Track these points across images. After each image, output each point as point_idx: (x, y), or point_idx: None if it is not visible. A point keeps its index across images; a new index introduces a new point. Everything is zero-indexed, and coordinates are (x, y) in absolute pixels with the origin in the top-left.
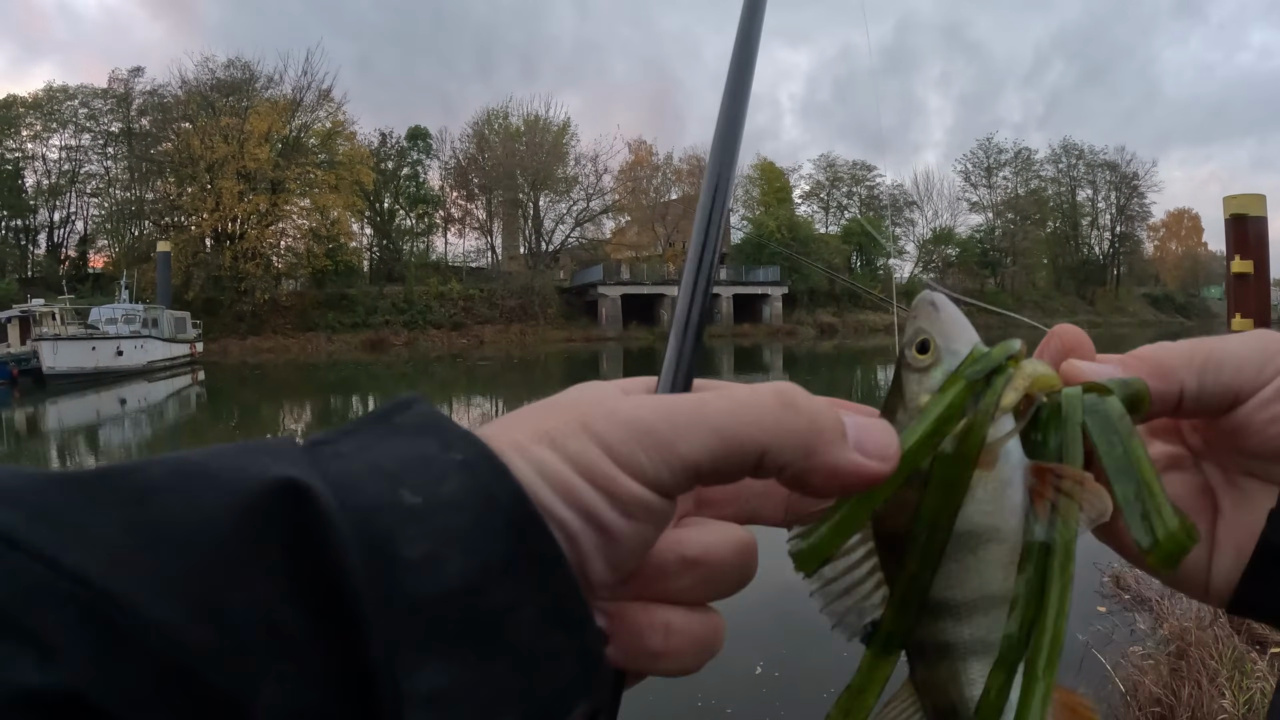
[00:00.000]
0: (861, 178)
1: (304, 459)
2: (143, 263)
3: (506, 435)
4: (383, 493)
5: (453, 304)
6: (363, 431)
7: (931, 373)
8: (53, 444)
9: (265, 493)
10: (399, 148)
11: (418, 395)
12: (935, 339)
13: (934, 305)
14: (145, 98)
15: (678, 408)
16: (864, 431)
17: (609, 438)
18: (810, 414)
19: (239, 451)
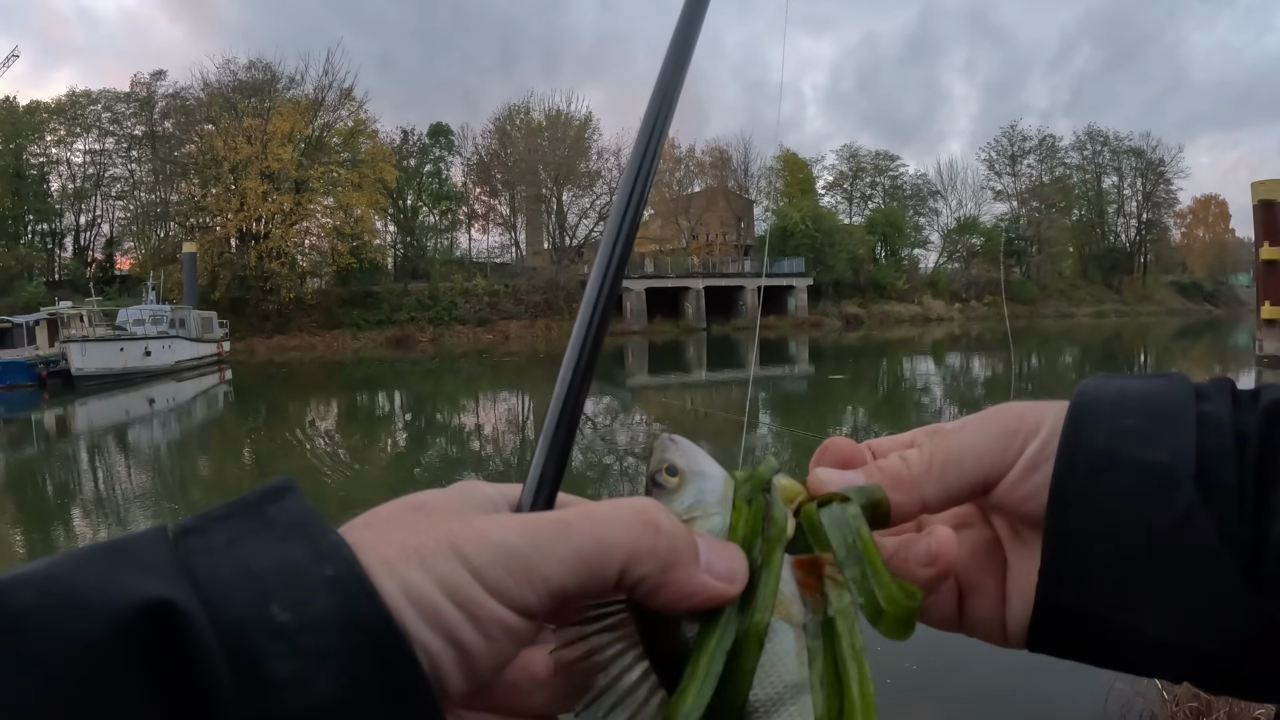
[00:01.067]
0: (885, 168)
1: (172, 567)
2: (169, 264)
3: (375, 550)
4: (252, 605)
5: (478, 300)
6: (234, 520)
7: (681, 492)
8: (83, 445)
9: (134, 616)
10: (421, 145)
11: (291, 482)
12: (680, 463)
13: (673, 440)
14: (168, 100)
15: (541, 530)
16: (714, 554)
17: (476, 561)
18: (668, 535)
19: (107, 562)
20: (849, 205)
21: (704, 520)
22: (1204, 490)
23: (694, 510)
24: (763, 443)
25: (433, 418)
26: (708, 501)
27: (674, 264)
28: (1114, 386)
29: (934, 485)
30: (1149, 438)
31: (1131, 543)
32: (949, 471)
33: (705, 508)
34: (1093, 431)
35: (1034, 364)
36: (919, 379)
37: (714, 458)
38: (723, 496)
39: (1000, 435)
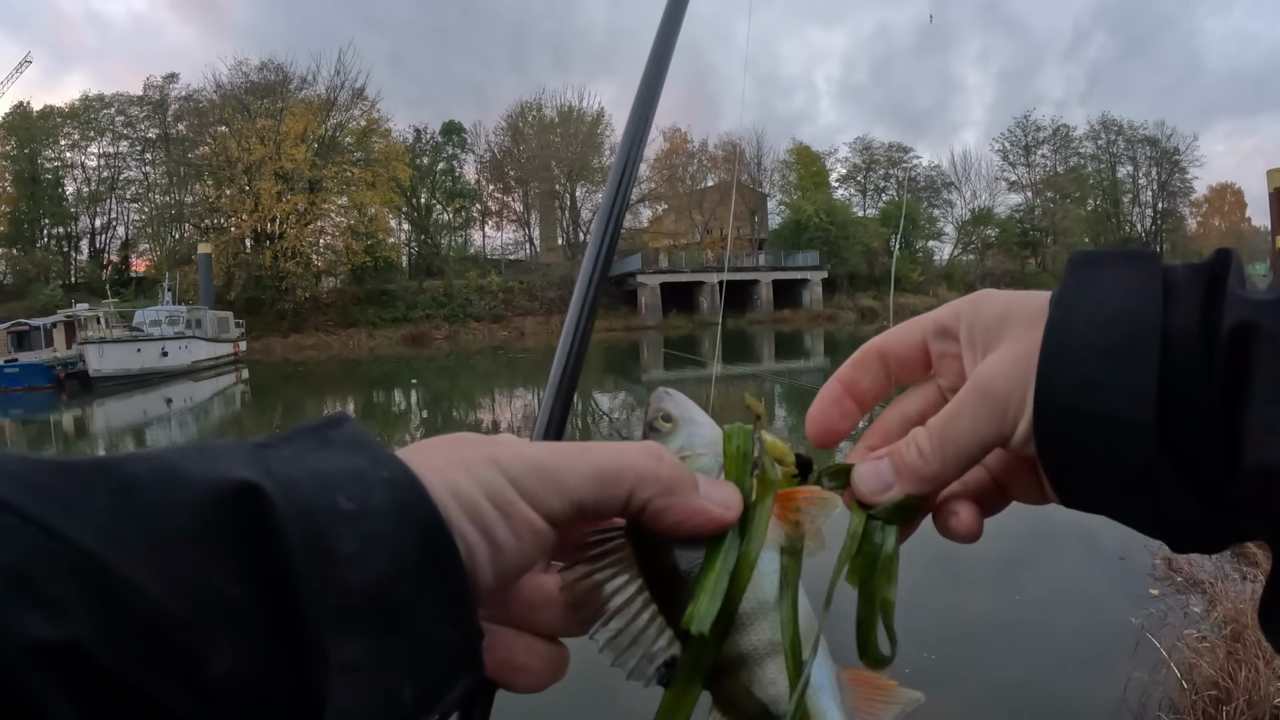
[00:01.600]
0: (898, 160)
1: (255, 462)
2: (184, 265)
3: (426, 460)
4: (322, 495)
5: (492, 297)
6: (298, 440)
7: (675, 435)
8: (101, 445)
9: (227, 491)
10: (434, 143)
11: (346, 415)
12: (674, 411)
13: (668, 393)
14: (181, 103)
15: (569, 451)
16: (713, 486)
17: (513, 470)
18: (671, 465)
19: (203, 454)
20: (863, 198)
21: (694, 460)
22: (1166, 434)
23: (685, 450)
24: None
25: (450, 414)
26: (697, 443)
27: (688, 259)
28: (1085, 313)
29: (951, 472)
30: (1112, 389)
31: (1104, 489)
32: (960, 458)
33: (694, 449)
34: (1060, 386)
35: None
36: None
37: None
38: (710, 439)
39: (994, 411)
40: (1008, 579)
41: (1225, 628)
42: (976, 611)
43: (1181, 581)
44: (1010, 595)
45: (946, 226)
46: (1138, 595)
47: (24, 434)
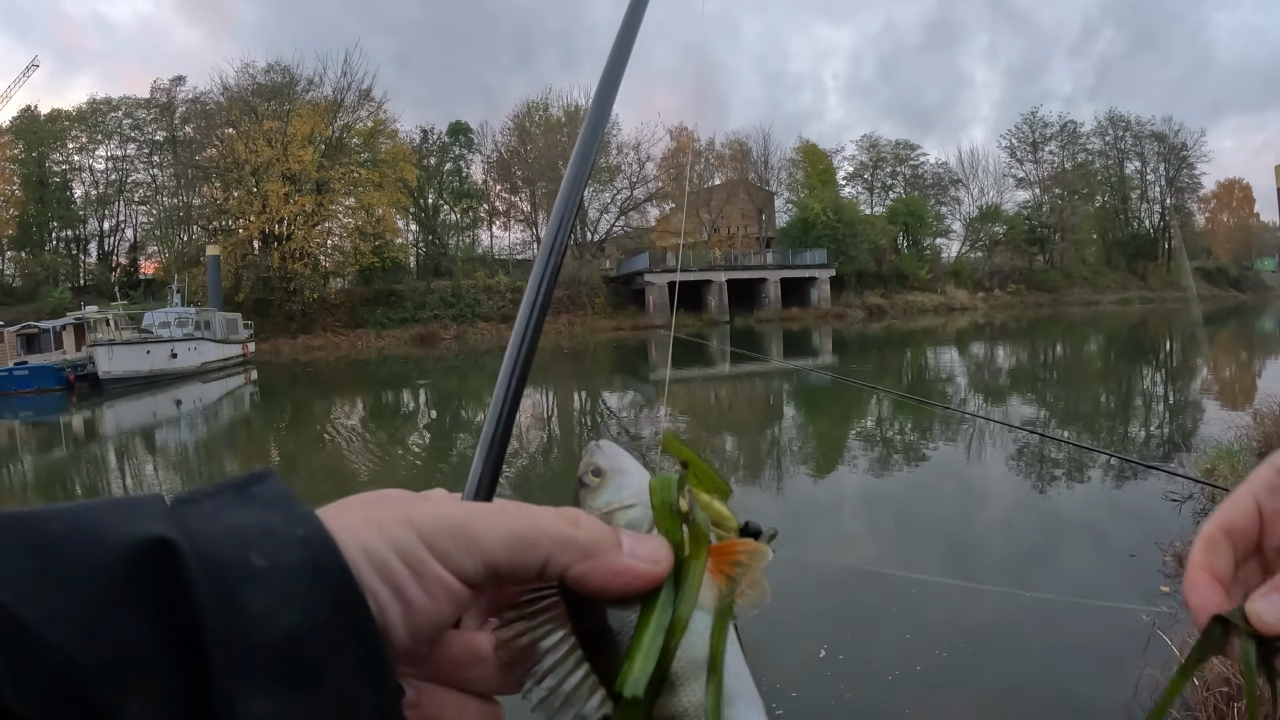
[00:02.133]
0: (905, 157)
1: (170, 518)
2: (193, 267)
3: (341, 519)
4: (234, 552)
5: (500, 296)
6: (221, 495)
7: (603, 489)
8: (111, 447)
9: (141, 547)
10: (441, 143)
11: (270, 470)
12: (603, 465)
13: (598, 445)
14: (188, 105)
15: (487, 511)
16: (639, 542)
17: (425, 529)
18: (589, 529)
19: (122, 509)
20: (870, 196)
21: (623, 512)
22: None
23: (612, 504)
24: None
25: (458, 414)
26: (625, 495)
27: (696, 257)
28: None
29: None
30: None
31: None
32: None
33: (622, 500)
34: None
35: (1059, 352)
36: (943, 369)
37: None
38: (638, 490)
39: None
40: (1018, 576)
41: None
42: (987, 609)
43: None
44: (1022, 591)
45: (954, 224)
46: (1149, 592)
47: (34, 436)
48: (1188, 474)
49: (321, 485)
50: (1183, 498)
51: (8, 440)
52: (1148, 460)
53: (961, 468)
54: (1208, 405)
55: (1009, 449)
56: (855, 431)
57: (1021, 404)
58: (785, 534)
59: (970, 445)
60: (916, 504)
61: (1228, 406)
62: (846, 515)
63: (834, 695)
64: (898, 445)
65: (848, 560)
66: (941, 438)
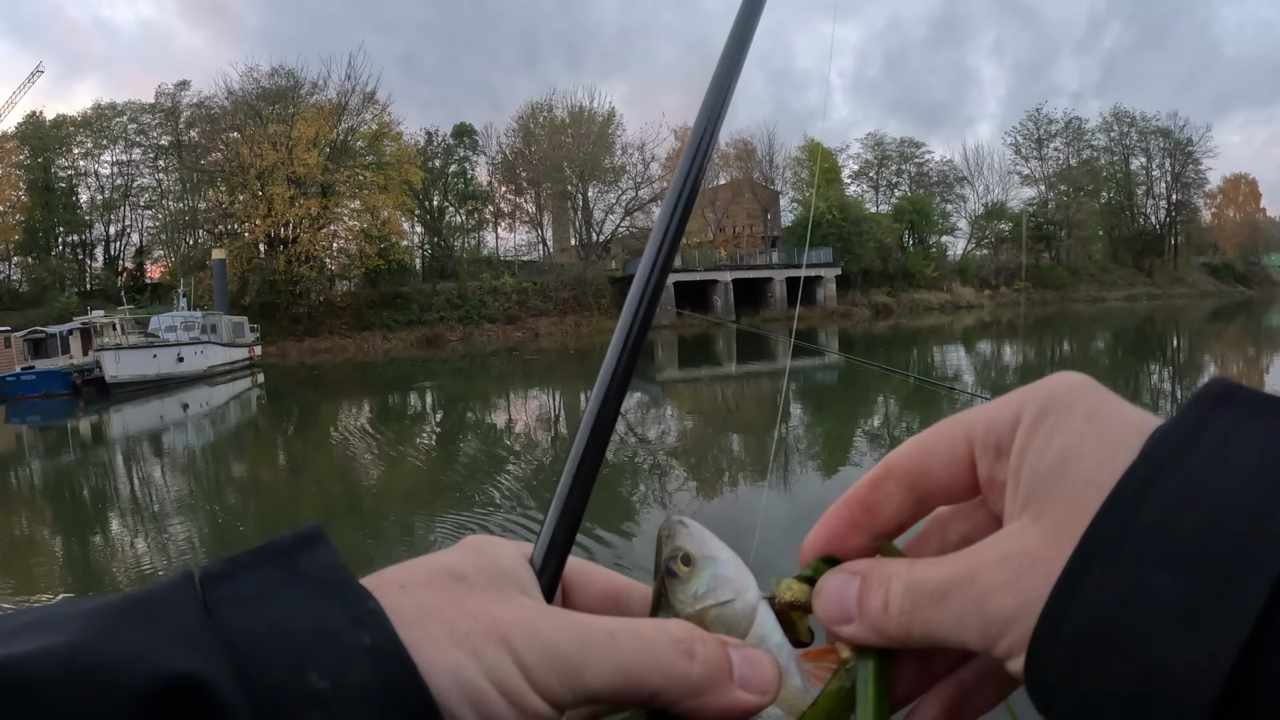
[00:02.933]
0: (910, 155)
1: (202, 628)
2: (199, 270)
3: (420, 626)
4: (289, 669)
5: (506, 298)
6: (263, 568)
7: (694, 580)
8: (119, 451)
9: (159, 691)
10: (445, 145)
11: (320, 531)
12: (693, 551)
13: (683, 524)
14: (193, 110)
15: (593, 636)
16: (749, 669)
17: (527, 658)
18: (704, 662)
19: (134, 628)
20: (875, 194)
21: (719, 610)
22: None
23: (706, 599)
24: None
25: (465, 416)
26: (720, 590)
27: (701, 257)
28: (1181, 478)
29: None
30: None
31: None
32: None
33: (719, 596)
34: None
35: (1065, 349)
36: (949, 367)
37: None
38: (736, 581)
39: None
40: None
41: None
42: None
43: None
44: None
45: (960, 221)
46: None
47: (42, 440)
48: None
49: (331, 488)
50: None
51: (15, 445)
52: None
53: None
54: None
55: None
56: (861, 431)
57: None
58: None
59: None
60: None
61: None
62: None
63: None
64: (901, 438)
65: None
66: None
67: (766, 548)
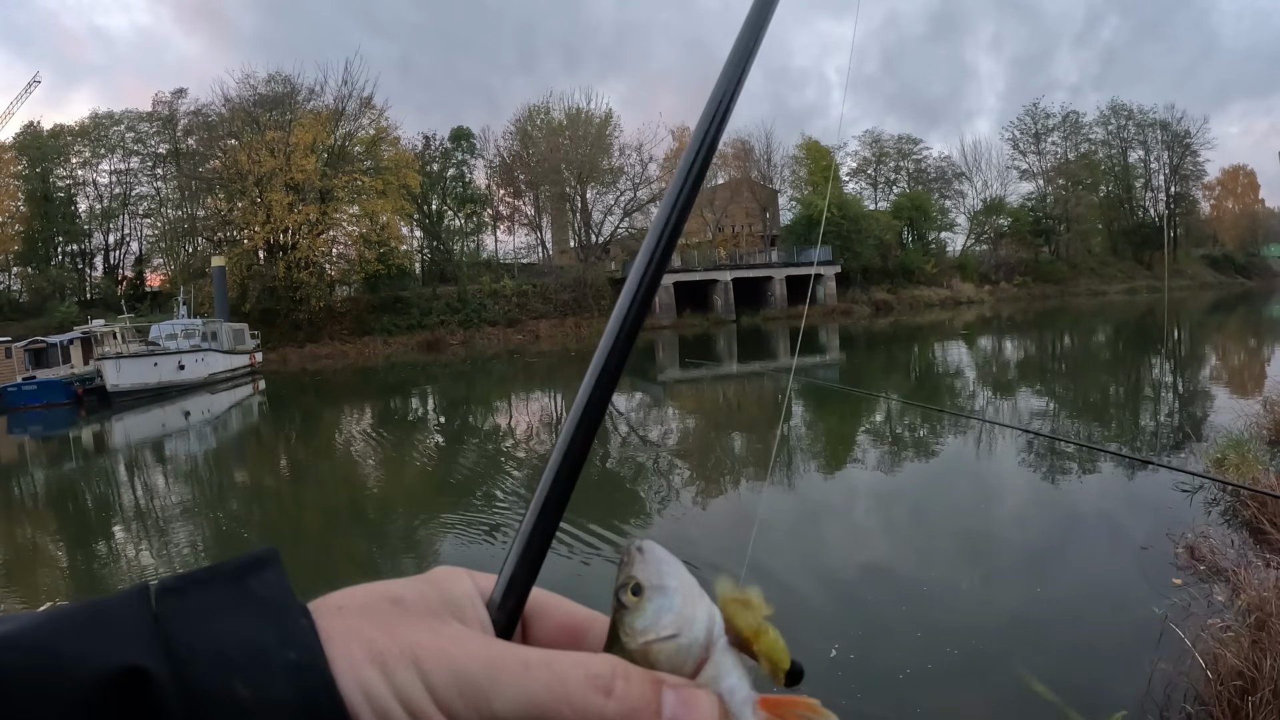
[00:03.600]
0: (908, 151)
1: (149, 631)
2: (198, 278)
3: (343, 644)
4: (217, 680)
5: (506, 301)
6: (214, 586)
7: (640, 611)
8: (121, 459)
9: (111, 682)
10: (443, 149)
11: (272, 554)
12: (642, 580)
13: (640, 550)
14: (190, 118)
15: (506, 663)
16: (683, 710)
17: (434, 678)
18: (622, 700)
19: (89, 627)
20: (874, 191)
21: (662, 645)
22: None
23: (649, 631)
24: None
25: (466, 420)
26: (664, 623)
27: (701, 257)
28: None
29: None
30: None
31: None
32: None
33: (660, 629)
34: None
35: (1066, 343)
36: (951, 364)
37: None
38: (681, 615)
39: None
40: (1031, 570)
41: (1249, 616)
42: (1000, 604)
43: (1204, 570)
44: (1033, 587)
45: (959, 217)
46: (1161, 585)
47: (44, 450)
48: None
49: (332, 497)
50: (1194, 489)
51: (18, 455)
52: (1154, 454)
53: (971, 464)
54: (1217, 393)
55: (1019, 443)
56: (864, 430)
57: (1031, 396)
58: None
59: (980, 441)
60: (927, 500)
61: (1237, 395)
62: (859, 513)
63: (845, 694)
64: (907, 441)
65: (857, 557)
66: (951, 433)
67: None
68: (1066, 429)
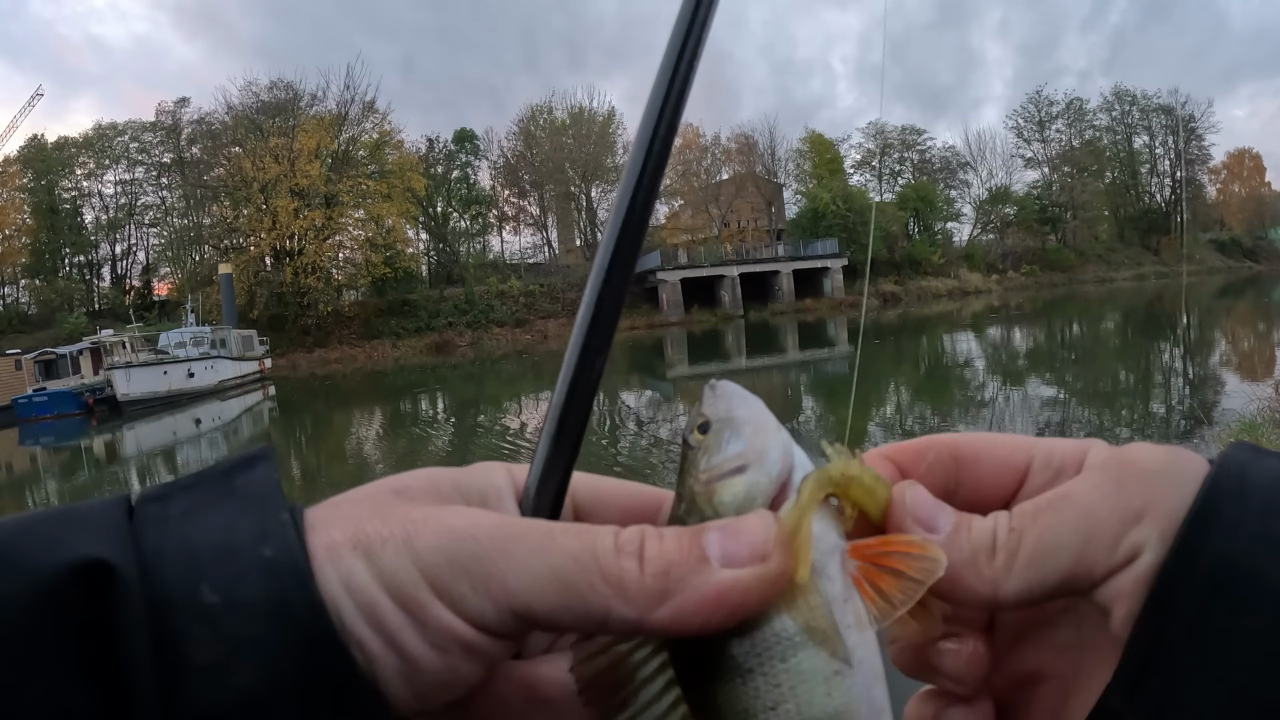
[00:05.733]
0: (912, 142)
1: (120, 533)
2: (206, 286)
3: (325, 533)
4: (183, 584)
5: (514, 301)
6: (199, 489)
7: (706, 449)
8: (133, 468)
9: (64, 577)
10: (447, 151)
11: (266, 452)
12: (710, 414)
13: (712, 388)
14: (193, 126)
15: (518, 536)
16: (730, 540)
17: (429, 557)
18: (658, 560)
19: (62, 521)
20: (879, 183)
21: (726, 483)
22: None
23: (714, 467)
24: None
25: (476, 420)
26: (729, 453)
27: (707, 253)
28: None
29: (1014, 584)
30: None
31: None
32: (1035, 568)
33: (726, 462)
34: (1231, 528)
35: (1075, 331)
36: (959, 353)
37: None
38: (750, 444)
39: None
40: None
41: None
42: None
43: None
44: None
45: (964, 207)
46: None
47: (56, 461)
48: None
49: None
50: None
51: (30, 466)
52: (1166, 440)
53: None
54: (1228, 378)
55: (1028, 431)
56: (875, 422)
57: (1041, 384)
58: None
59: (990, 427)
60: None
61: (1248, 379)
62: None
63: None
64: (916, 432)
65: None
66: (960, 421)
67: None
68: (1077, 415)
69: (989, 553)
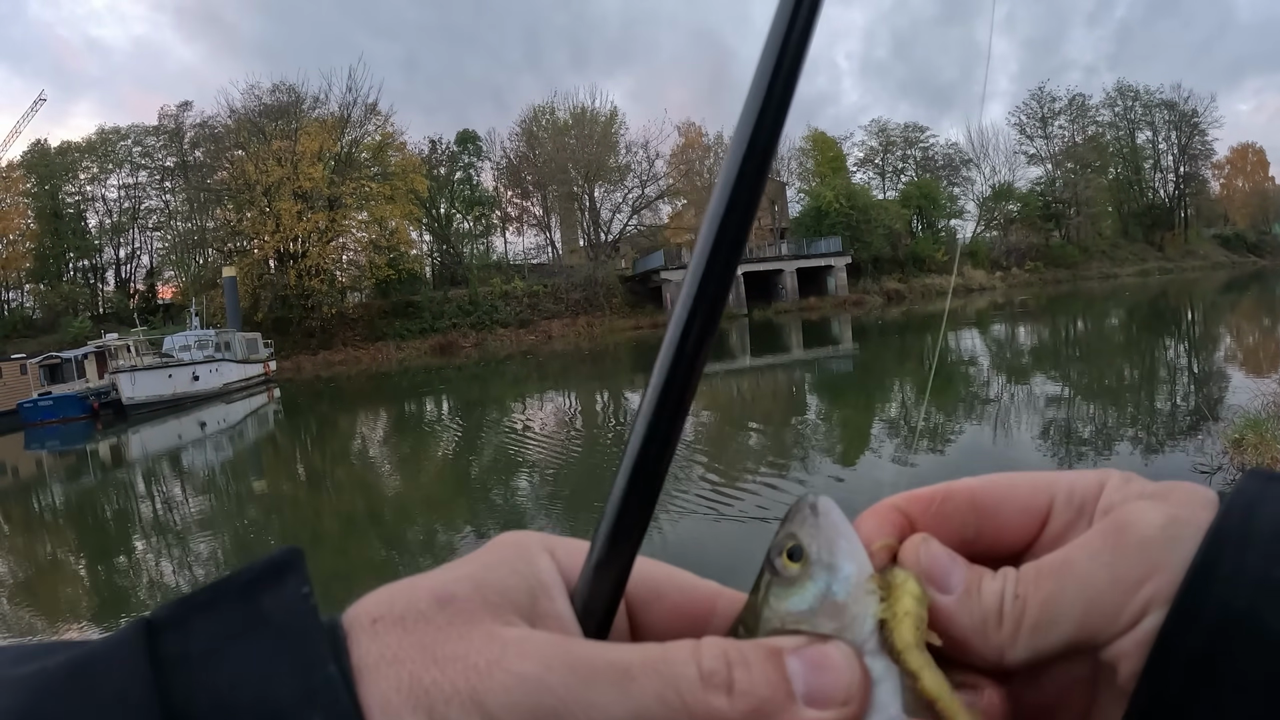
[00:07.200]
0: (915, 139)
1: (146, 695)
2: (210, 289)
3: (377, 686)
4: None
5: (518, 302)
6: (220, 611)
7: (799, 588)
8: (139, 471)
9: None
10: (450, 152)
11: (292, 556)
12: (809, 548)
13: (813, 509)
14: (196, 130)
15: (592, 678)
16: (816, 676)
17: (502, 717)
18: (746, 696)
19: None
20: (881, 180)
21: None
22: None
23: (800, 620)
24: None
25: (482, 420)
26: (822, 612)
27: None
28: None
29: (1020, 651)
30: None
31: None
32: (1039, 636)
33: (815, 621)
34: (1232, 580)
35: (1079, 328)
36: (965, 351)
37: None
38: (847, 609)
39: (1117, 588)
40: None
41: None
42: None
43: None
44: None
45: (967, 204)
46: None
47: (62, 465)
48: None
49: (352, 499)
50: (1212, 469)
51: (36, 470)
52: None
53: (989, 446)
54: (1233, 373)
55: (1034, 429)
56: (879, 419)
57: (1047, 381)
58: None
59: (996, 424)
60: None
61: (1253, 374)
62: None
63: None
64: (924, 432)
65: None
66: (966, 419)
67: None
68: (1082, 412)
69: (996, 620)
